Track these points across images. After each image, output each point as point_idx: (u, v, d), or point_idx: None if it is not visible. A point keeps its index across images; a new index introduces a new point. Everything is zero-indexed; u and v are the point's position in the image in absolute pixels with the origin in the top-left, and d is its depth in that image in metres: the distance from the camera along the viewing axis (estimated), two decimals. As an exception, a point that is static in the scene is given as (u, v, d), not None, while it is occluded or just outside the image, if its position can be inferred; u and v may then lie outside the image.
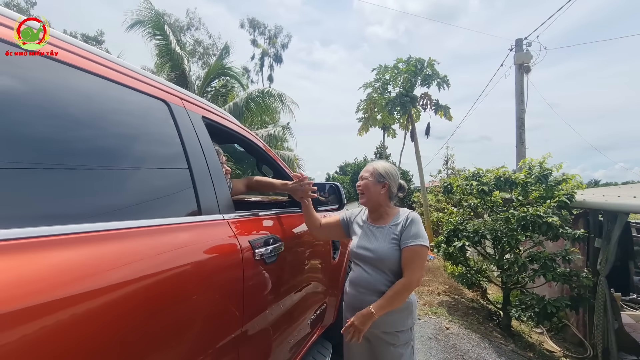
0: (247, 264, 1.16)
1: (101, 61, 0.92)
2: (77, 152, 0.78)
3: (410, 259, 1.40)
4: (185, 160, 1.09)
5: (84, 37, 16.78)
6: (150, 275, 0.79)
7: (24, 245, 0.59)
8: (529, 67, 7.47)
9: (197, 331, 0.92)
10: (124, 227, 0.80)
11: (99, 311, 0.66)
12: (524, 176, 3.96)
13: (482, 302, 5.12)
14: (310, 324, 1.83)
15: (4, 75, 0.68)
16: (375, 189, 1.53)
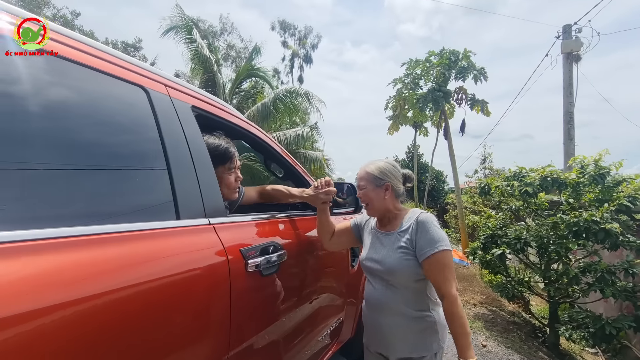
0: (236, 278, 0.99)
1: (61, 39, 0.78)
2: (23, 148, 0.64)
3: (437, 271, 1.17)
4: (163, 157, 0.93)
5: (124, 45, 17.75)
6: (96, 297, 0.63)
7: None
8: (579, 56, 6.73)
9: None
10: (72, 234, 0.65)
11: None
12: (576, 176, 3.48)
13: (525, 315, 4.62)
14: (323, 342, 1.63)
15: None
16: (378, 196, 1.30)
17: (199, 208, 0.99)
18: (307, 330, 1.45)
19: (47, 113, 0.71)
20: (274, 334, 1.18)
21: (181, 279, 0.82)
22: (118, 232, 0.74)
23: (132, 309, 0.70)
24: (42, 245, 0.60)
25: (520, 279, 3.88)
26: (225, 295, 0.95)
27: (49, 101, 0.73)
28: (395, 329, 1.25)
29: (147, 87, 0.97)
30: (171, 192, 0.92)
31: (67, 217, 0.68)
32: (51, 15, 13.42)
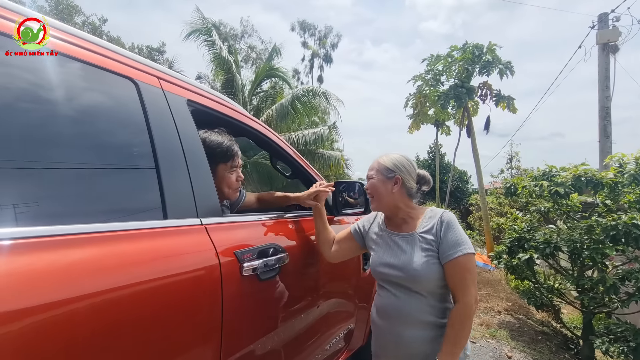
0: (229, 282, 0.92)
1: (61, 33, 0.74)
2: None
3: (459, 276, 1.08)
4: (151, 153, 0.88)
5: (148, 49, 18.35)
6: (69, 300, 0.58)
7: None
8: (617, 46, 6.26)
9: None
10: (54, 233, 0.61)
11: None
12: (614, 175, 3.20)
13: (556, 325, 4.32)
14: (330, 350, 1.54)
15: None
16: (385, 189, 1.20)
17: (190, 207, 0.93)
18: (312, 338, 1.37)
19: (26, 108, 0.67)
20: (273, 344, 1.11)
21: (166, 283, 0.76)
22: (97, 232, 0.69)
23: (109, 315, 0.64)
24: (20, 245, 0.56)
25: (550, 286, 3.62)
26: (216, 300, 0.88)
27: (27, 95, 0.68)
28: (420, 341, 1.12)
29: (137, 80, 0.92)
30: (158, 190, 0.86)
31: (44, 216, 0.63)
32: (81, 22, 14.10)
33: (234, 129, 1.36)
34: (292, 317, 1.21)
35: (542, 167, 3.80)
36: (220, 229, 0.98)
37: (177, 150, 0.95)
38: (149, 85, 0.95)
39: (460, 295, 1.08)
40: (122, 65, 0.89)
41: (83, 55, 0.79)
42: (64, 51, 0.76)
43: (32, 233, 0.59)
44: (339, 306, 1.59)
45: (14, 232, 0.57)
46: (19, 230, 0.58)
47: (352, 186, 1.80)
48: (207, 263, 0.87)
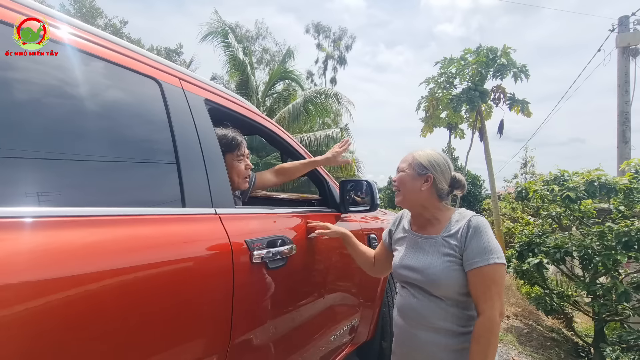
0: (240, 268, 0.99)
1: (77, 32, 0.83)
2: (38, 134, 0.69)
3: (484, 287, 1.01)
4: (172, 147, 0.96)
5: (166, 50, 18.83)
6: (95, 274, 0.66)
7: None
8: (637, 50, 6.11)
9: (160, 339, 0.77)
10: (83, 214, 0.69)
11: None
12: (628, 181, 3.15)
13: (566, 332, 4.26)
14: (335, 341, 1.59)
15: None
16: (414, 185, 1.14)
17: (206, 198, 1.00)
18: (316, 329, 1.43)
19: (59, 104, 0.76)
20: (279, 329, 1.18)
21: (184, 264, 0.84)
22: (125, 215, 0.77)
23: (128, 292, 0.71)
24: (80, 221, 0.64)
25: (561, 292, 3.57)
26: (228, 284, 0.95)
27: (62, 92, 0.77)
28: (435, 346, 1.08)
29: (160, 80, 1.00)
30: (178, 181, 0.94)
31: (74, 201, 0.72)
32: (103, 24, 14.61)
33: (248, 127, 1.44)
34: (298, 306, 1.28)
35: (554, 172, 3.76)
36: (232, 219, 1.05)
37: (195, 145, 1.03)
38: (170, 85, 1.03)
39: (484, 308, 1.01)
40: (147, 67, 0.98)
41: (114, 57, 0.88)
42: (96, 53, 0.84)
43: (87, 212, 0.68)
44: (343, 301, 1.65)
45: (77, 210, 0.67)
46: (80, 210, 0.68)
47: (359, 185, 1.85)
48: (220, 249, 0.94)
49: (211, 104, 1.19)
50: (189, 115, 1.06)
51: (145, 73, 0.97)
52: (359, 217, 1.92)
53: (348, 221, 1.79)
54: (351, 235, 1.41)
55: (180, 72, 1.11)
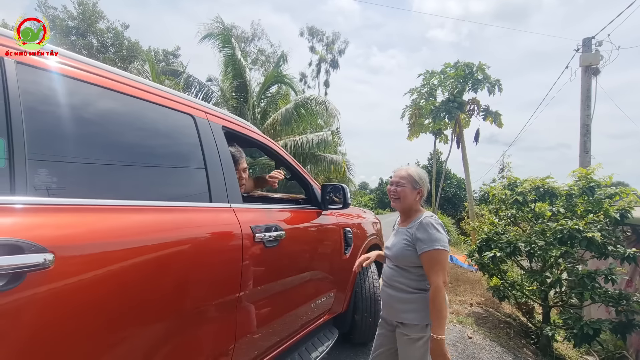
0: (247, 245, 1.46)
1: (153, 90, 1.30)
2: (119, 152, 1.16)
3: (429, 265, 1.48)
4: (203, 161, 1.43)
5: (164, 52, 19.10)
6: (161, 241, 1.12)
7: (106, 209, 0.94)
8: (598, 69, 6.76)
9: (198, 290, 1.24)
10: (151, 205, 1.15)
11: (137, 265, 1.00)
12: (569, 187, 3.72)
13: (522, 319, 4.83)
14: (315, 308, 2.07)
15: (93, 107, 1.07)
16: (412, 196, 1.61)
17: (224, 196, 1.47)
18: (300, 295, 1.91)
19: (140, 134, 1.22)
20: (273, 290, 1.65)
21: (212, 239, 1.31)
22: (174, 206, 1.24)
23: (179, 252, 1.18)
24: (132, 209, 1.10)
25: (512, 281, 4.13)
26: (239, 255, 1.42)
27: (144, 127, 1.24)
28: (395, 298, 1.60)
29: (194, 115, 1.47)
30: (206, 184, 1.41)
31: (146, 195, 1.18)
32: (105, 28, 14.84)
33: (250, 143, 1.91)
34: (286, 276, 1.75)
35: (525, 177, 4.32)
36: (241, 211, 1.52)
37: (216, 159, 1.50)
38: (200, 118, 1.50)
39: (431, 279, 1.46)
40: (185, 106, 1.45)
41: (169, 103, 1.35)
42: (155, 101, 1.31)
43: (155, 204, 1.15)
44: (322, 277, 2.13)
45: (140, 203, 1.13)
46: (152, 202, 1.13)
47: (337, 188, 2.33)
48: (234, 231, 1.41)
49: (226, 129, 1.66)
50: (212, 138, 1.53)
51: (184, 111, 1.44)
52: (338, 213, 2.41)
53: (328, 216, 2.27)
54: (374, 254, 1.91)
55: (205, 107, 1.58)
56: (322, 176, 12.17)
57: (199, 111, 1.52)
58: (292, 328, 1.88)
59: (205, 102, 10.02)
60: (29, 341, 0.77)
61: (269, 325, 1.65)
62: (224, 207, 1.45)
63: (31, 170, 0.85)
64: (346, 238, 2.43)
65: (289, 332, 1.86)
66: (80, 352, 0.87)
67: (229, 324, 1.38)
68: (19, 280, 0.74)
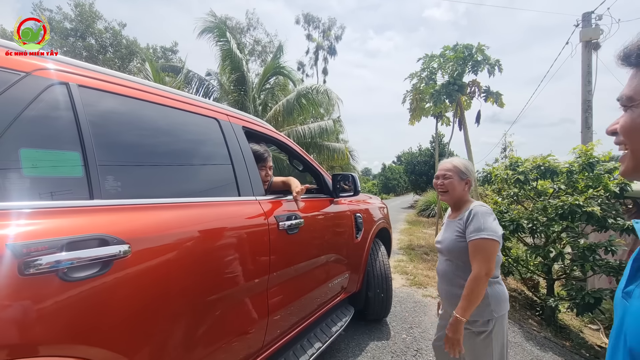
0: (272, 232, 1.63)
1: (183, 99, 1.46)
2: (163, 156, 1.32)
3: (473, 253, 1.43)
4: (229, 159, 1.59)
5: (162, 49, 19.08)
6: (205, 231, 1.30)
7: (153, 207, 1.12)
8: (598, 44, 6.76)
9: (237, 272, 1.42)
10: (194, 201, 1.32)
11: (189, 248, 1.17)
12: (568, 165, 3.85)
13: (528, 293, 5.03)
14: (332, 288, 2.27)
15: (134, 117, 1.22)
16: (460, 186, 1.58)
17: (250, 190, 1.64)
18: (319, 276, 2.10)
19: (177, 139, 1.39)
20: (297, 272, 1.83)
21: (244, 229, 1.48)
22: (211, 201, 1.41)
23: (212, 243, 1.36)
24: (180, 205, 1.27)
25: (516, 258, 4.31)
26: (266, 242, 1.59)
27: (181, 132, 1.40)
28: (453, 294, 1.55)
29: (218, 118, 1.63)
30: (234, 180, 1.58)
31: (188, 193, 1.35)
32: (103, 28, 14.86)
33: (265, 140, 2.07)
34: (306, 259, 1.93)
35: (526, 156, 4.45)
36: (266, 203, 1.69)
37: (240, 157, 1.66)
38: (223, 120, 1.66)
39: (474, 267, 1.40)
40: (211, 111, 1.61)
41: (195, 109, 1.51)
42: (187, 109, 1.46)
43: (194, 200, 1.32)
44: (337, 260, 2.31)
45: (185, 200, 1.30)
46: (185, 199, 1.31)
47: (346, 177, 2.49)
48: (260, 221, 1.59)
49: (246, 129, 1.82)
50: (235, 138, 1.69)
51: (210, 115, 1.59)
52: (348, 201, 2.58)
53: (339, 204, 2.44)
54: None
55: (227, 110, 1.73)
56: (326, 164, 12.33)
57: (222, 114, 1.67)
58: (314, 305, 2.08)
59: (205, 97, 10.08)
60: (120, 315, 0.95)
61: (294, 303, 1.84)
62: (251, 200, 1.62)
63: (102, 176, 1.02)
64: (357, 223, 2.61)
65: (312, 309, 2.06)
66: (156, 323, 1.06)
67: (262, 303, 1.57)
68: (108, 266, 0.92)
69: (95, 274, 0.90)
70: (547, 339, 3.32)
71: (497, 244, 1.42)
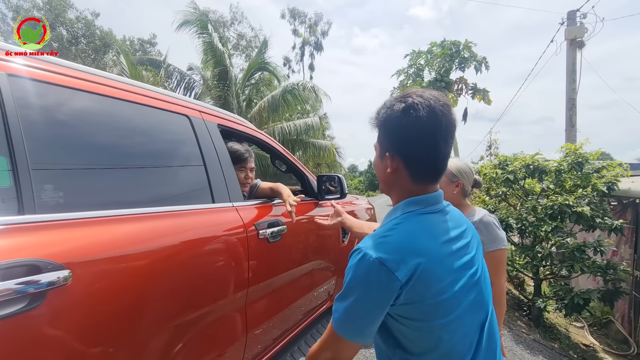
0: (252, 242, 1.47)
1: (147, 93, 1.27)
2: (119, 160, 1.14)
3: (494, 266, 1.32)
4: (202, 161, 1.41)
5: (140, 41, 18.38)
6: (168, 247, 1.12)
7: (101, 221, 0.94)
8: (583, 42, 6.83)
9: (209, 292, 1.25)
10: (157, 211, 1.14)
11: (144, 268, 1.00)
12: (557, 164, 3.82)
13: (515, 292, 5.03)
14: (318, 297, 2.12)
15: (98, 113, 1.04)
16: (448, 189, 1.49)
17: (226, 195, 1.47)
18: (303, 286, 1.95)
19: (138, 139, 1.20)
20: (278, 283, 1.68)
21: (217, 240, 1.31)
22: (178, 210, 1.23)
23: (181, 257, 1.19)
24: (139, 217, 1.09)
25: (505, 257, 4.27)
26: (244, 253, 1.43)
27: (142, 130, 1.22)
28: None
29: (189, 115, 1.45)
30: (208, 184, 1.40)
31: (149, 202, 1.18)
32: (74, 17, 14.12)
33: (245, 139, 1.90)
34: (289, 269, 1.78)
35: (506, 155, 4.41)
36: (244, 209, 1.52)
37: (214, 158, 1.49)
38: (195, 117, 1.48)
39: (495, 280, 1.24)
40: (180, 107, 1.42)
41: (163, 105, 1.32)
42: (152, 105, 1.28)
43: (156, 210, 1.14)
44: (323, 267, 2.17)
45: (145, 210, 1.12)
46: (149, 209, 1.13)
47: (332, 178, 2.35)
48: (238, 229, 1.42)
49: (221, 127, 1.64)
50: (209, 137, 1.51)
51: (179, 112, 1.41)
52: (334, 203, 2.43)
53: (325, 207, 2.29)
54: (348, 218, 1.63)
55: (200, 106, 1.55)
56: (312, 162, 12.17)
57: (193, 110, 1.49)
58: (298, 316, 1.93)
59: (187, 92, 9.66)
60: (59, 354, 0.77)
61: (277, 317, 1.69)
62: (227, 207, 1.45)
63: (37, 185, 0.83)
64: (344, 227, 2.46)
65: (295, 321, 1.91)
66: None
67: (240, 319, 1.41)
68: (40, 299, 0.74)
69: (21, 310, 0.72)
70: (536, 341, 3.28)
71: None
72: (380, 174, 0.86)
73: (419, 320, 0.71)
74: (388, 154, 0.80)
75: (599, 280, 4.32)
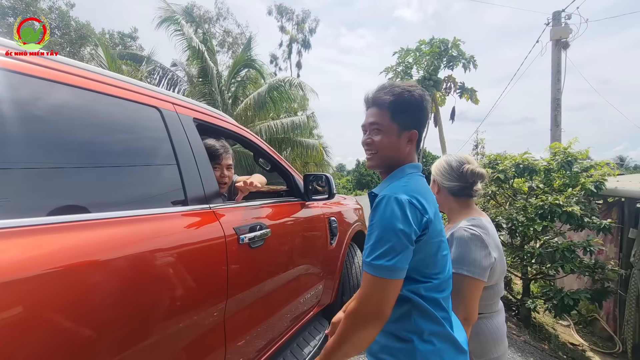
0: (231, 248, 1.32)
1: (111, 81, 1.11)
2: (76, 157, 0.97)
3: (454, 293, 1.04)
4: (174, 158, 1.26)
5: (120, 35, 17.76)
6: (137, 256, 0.97)
7: (39, 230, 0.78)
8: (567, 43, 6.90)
9: (179, 305, 1.10)
10: (120, 216, 0.98)
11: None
12: (546, 163, 3.79)
13: (504, 293, 5.03)
14: (304, 303, 1.99)
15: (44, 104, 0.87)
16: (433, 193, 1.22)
17: (202, 196, 1.32)
18: (289, 293, 1.81)
19: (98, 133, 1.04)
20: (262, 292, 1.53)
21: (192, 247, 1.16)
22: (142, 215, 1.07)
23: (143, 271, 1.03)
24: (95, 223, 0.93)
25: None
26: (223, 261, 1.28)
27: (102, 123, 1.05)
28: None
29: (160, 107, 1.29)
30: (181, 185, 1.25)
31: (111, 205, 1.02)
32: (47, 7, 13.45)
33: (225, 135, 1.74)
34: (274, 275, 1.64)
35: (494, 154, 4.37)
36: (222, 211, 1.37)
37: (189, 156, 1.33)
38: (167, 110, 1.32)
39: (455, 308, 1.06)
40: (150, 98, 1.26)
41: (128, 95, 1.16)
42: (116, 94, 1.12)
43: (120, 214, 0.98)
44: (309, 271, 2.03)
45: (113, 214, 0.96)
46: (115, 213, 0.97)
47: (319, 177, 2.21)
48: (216, 234, 1.27)
49: (198, 121, 1.48)
50: (183, 132, 1.35)
51: (149, 103, 1.25)
52: (321, 204, 2.30)
53: (312, 207, 2.16)
54: None
55: (174, 98, 1.39)
56: (300, 161, 12.01)
57: (165, 102, 1.33)
58: (283, 326, 1.80)
59: (171, 89, 9.32)
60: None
61: (259, 328, 1.55)
62: (203, 210, 1.30)
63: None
64: (331, 228, 2.34)
65: (280, 331, 1.77)
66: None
67: (218, 334, 1.26)
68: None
69: None
70: (527, 343, 3.24)
71: (479, 283, 1.10)
72: (394, 147, 0.98)
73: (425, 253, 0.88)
74: (414, 130, 0.98)
75: (584, 279, 4.34)
